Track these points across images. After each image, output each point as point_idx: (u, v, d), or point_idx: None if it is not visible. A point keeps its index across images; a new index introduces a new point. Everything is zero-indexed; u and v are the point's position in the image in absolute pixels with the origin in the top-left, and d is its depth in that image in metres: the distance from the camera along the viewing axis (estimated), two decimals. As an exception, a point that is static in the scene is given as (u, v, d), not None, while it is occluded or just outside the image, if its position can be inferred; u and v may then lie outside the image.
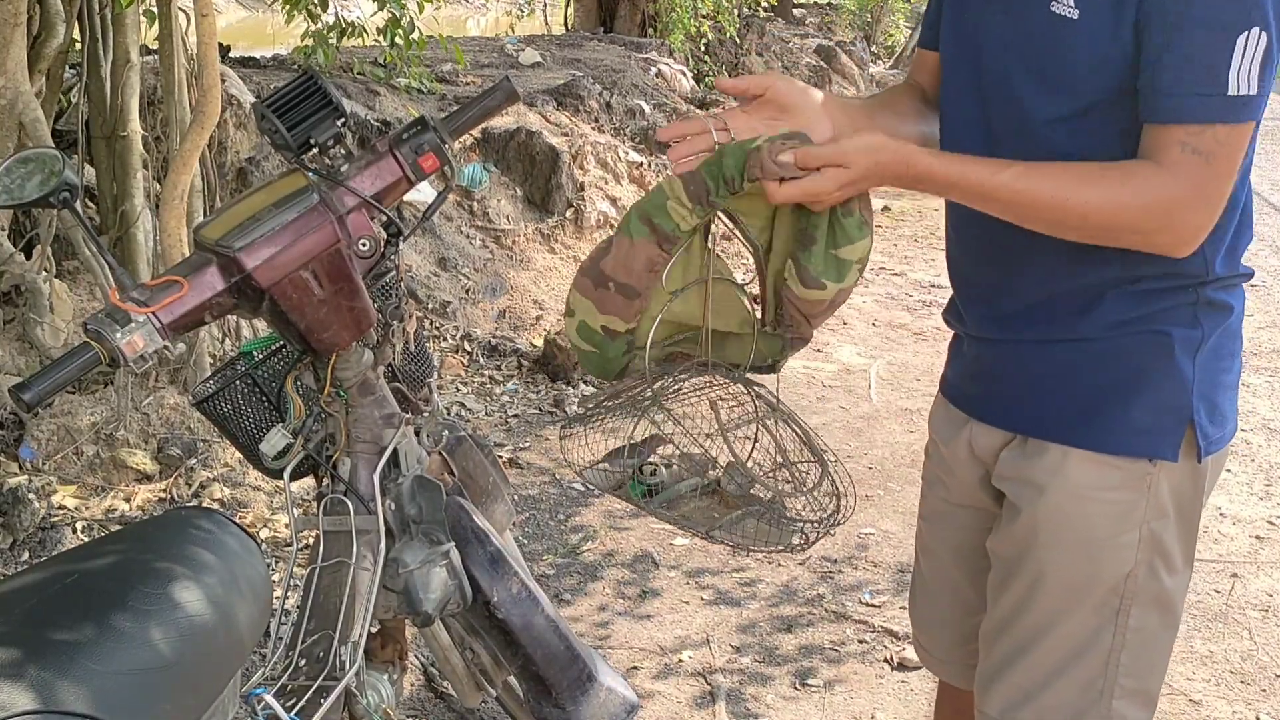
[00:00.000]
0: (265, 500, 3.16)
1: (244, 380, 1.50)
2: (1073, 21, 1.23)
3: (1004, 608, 1.44)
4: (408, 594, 1.42)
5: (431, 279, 4.64)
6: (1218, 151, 1.17)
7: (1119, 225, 1.22)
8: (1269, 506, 3.51)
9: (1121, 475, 1.34)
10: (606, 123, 6.37)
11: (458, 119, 1.47)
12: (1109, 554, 1.35)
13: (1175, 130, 1.17)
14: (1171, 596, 1.39)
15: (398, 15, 5.29)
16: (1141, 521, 1.34)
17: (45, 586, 1.11)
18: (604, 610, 2.82)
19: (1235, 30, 1.13)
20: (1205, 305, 1.33)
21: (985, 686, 1.48)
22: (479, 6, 22.14)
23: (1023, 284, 1.38)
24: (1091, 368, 1.35)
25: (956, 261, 1.49)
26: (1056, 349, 1.37)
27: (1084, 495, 1.34)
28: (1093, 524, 1.34)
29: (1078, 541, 1.35)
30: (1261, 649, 2.70)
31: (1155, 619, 1.38)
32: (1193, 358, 1.32)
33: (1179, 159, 1.17)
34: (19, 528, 2.82)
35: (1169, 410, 1.33)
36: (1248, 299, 1.46)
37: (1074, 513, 1.35)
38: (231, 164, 4.12)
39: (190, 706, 1.12)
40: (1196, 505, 1.38)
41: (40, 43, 3.28)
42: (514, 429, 3.93)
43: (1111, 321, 1.33)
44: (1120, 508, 1.34)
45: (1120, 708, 1.39)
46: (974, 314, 1.46)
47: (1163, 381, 1.32)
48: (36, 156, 1.28)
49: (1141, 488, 1.33)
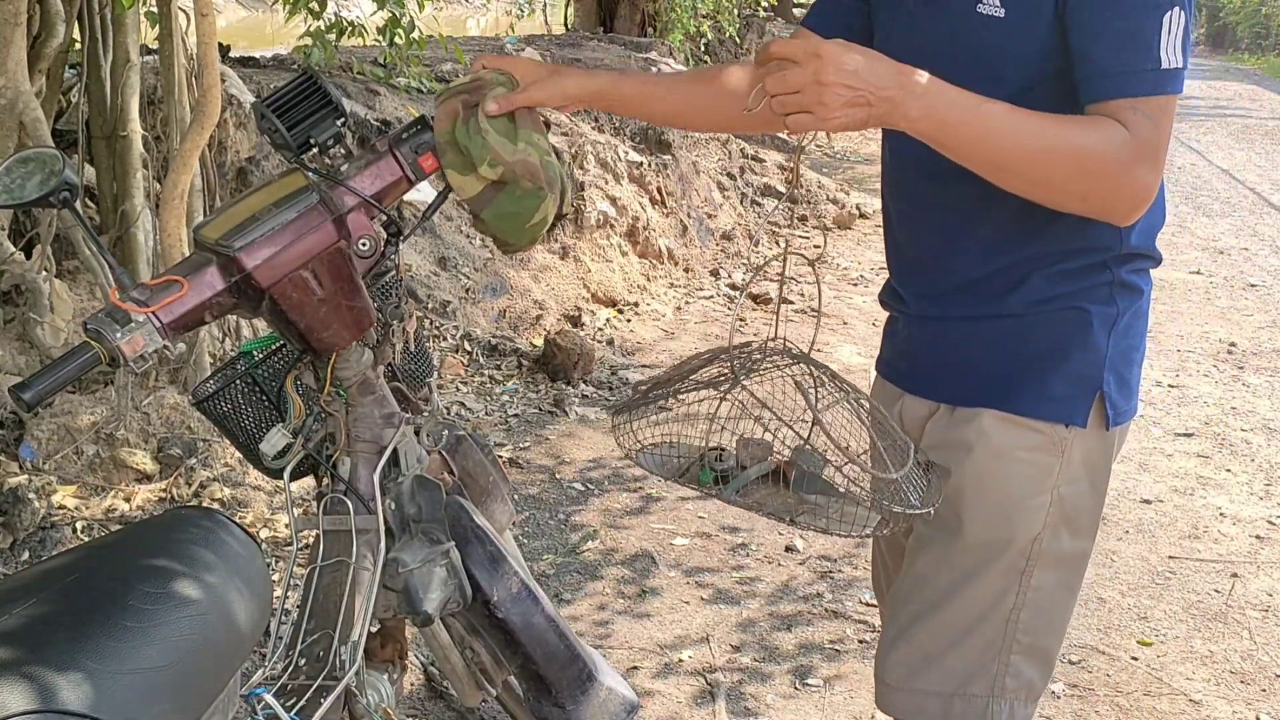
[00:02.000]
0: (265, 500, 3.16)
1: (244, 380, 1.50)
2: (1000, 20, 1.35)
3: (920, 567, 1.50)
4: (408, 593, 1.42)
5: (431, 278, 4.64)
6: (1161, 119, 1.28)
7: (1086, 170, 1.28)
8: (1269, 506, 3.51)
9: (1040, 439, 1.43)
10: (606, 122, 6.37)
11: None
12: (1022, 514, 1.44)
13: (1123, 102, 1.28)
14: (1073, 560, 1.49)
15: (398, 15, 5.29)
16: (1055, 485, 1.44)
17: (45, 586, 1.11)
18: (604, 609, 2.82)
19: (1161, 10, 1.27)
20: (1120, 286, 1.45)
21: (886, 652, 1.53)
22: (479, 6, 22.14)
23: (957, 263, 1.48)
24: (1015, 341, 1.45)
25: (896, 244, 1.58)
26: (984, 325, 1.47)
27: (1005, 455, 1.44)
28: (1011, 484, 1.44)
29: (997, 502, 1.44)
30: (1261, 649, 2.71)
31: (1054, 579, 1.47)
32: (1108, 333, 1.44)
33: (1133, 119, 1.27)
34: (19, 527, 2.82)
35: (1084, 380, 1.44)
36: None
37: (996, 472, 1.44)
38: (231, 164, 4.12)
39: (190, 706, 1.12)
40: (1105, 472, 1.50)
41: (40, 42, 3.28)
42: (514, 429, 3.93)
43: (1036, 299, 1.44)
44: (1037, 469, 1.44)
45: (1017, 663, 1.46)
46: (909, 293, 1.56)
47: (1080, 354, 1.43)
48: (36, 156, 1.28)
49: (1057, 452, 1.44)
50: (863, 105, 1.23)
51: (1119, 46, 1.28)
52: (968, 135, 1.28)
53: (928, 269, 1.53)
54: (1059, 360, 1.43)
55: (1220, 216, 8.22)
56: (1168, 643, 2.73)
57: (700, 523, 3.30)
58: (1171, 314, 5.51)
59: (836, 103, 1.22)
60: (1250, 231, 7.76)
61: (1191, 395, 4.52)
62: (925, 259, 1.53)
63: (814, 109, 1.23)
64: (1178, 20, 1.27)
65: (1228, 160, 11.02)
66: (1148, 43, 1.27)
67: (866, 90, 1.22)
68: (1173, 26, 1.27)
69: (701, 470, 1.47)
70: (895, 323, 1.63)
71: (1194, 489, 3.63)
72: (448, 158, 1.36)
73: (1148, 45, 1.27)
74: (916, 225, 1.55)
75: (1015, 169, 1.29)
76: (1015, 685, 1.47)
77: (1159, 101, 1.28)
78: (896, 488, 1.33)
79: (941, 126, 1.27)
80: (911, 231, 1.56)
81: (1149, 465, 3.81)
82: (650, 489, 3.50)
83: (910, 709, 1.50)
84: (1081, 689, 2.52)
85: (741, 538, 3.21)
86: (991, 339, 1.46)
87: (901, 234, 1.58)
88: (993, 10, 1.36)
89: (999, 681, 1.46)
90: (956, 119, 1.27)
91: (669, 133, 6.64)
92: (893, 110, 1.24)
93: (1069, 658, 2.64)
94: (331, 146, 1.35)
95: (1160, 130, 1.28)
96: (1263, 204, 8.81)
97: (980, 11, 1.36)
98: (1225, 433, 4.13)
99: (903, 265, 1.59)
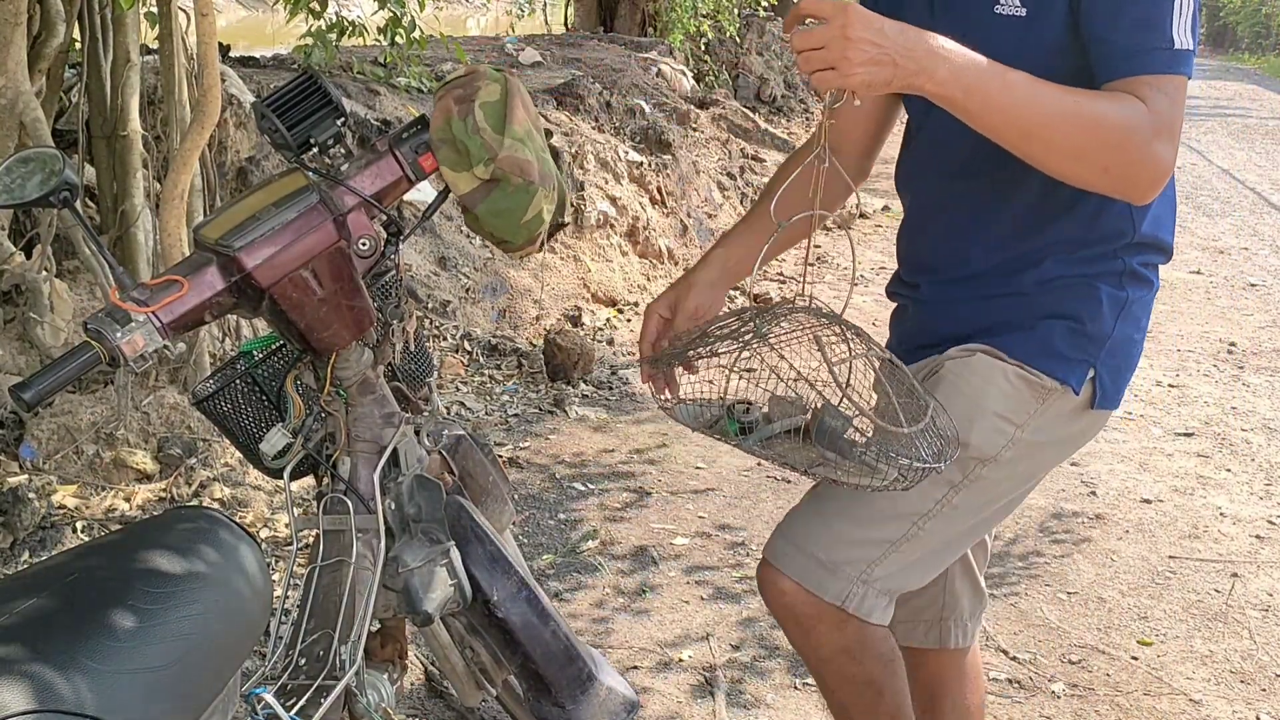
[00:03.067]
0: (265, 500, 3.16)
1: (244, 379, 1.50)
2: (1020, 19, 1.40)
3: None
4: (408, 593, 1.42)
5: (431, 278, 4.64)
6: (1175, 97, 1.32)
7: (1108, 141, 1.30)
8: (1269, 506, 3.51)
9: (1027, 382, 1.48)
10: (606, 122, 6.37)
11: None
12: (984, 427, 1.46)
13: (1141, 79, 1.32)
14: (997, 506, 1.54)
15: (398, 14, 5.29)
16: (1023, 424, 1.48)
17: (45, 586, 1.11)
18: (603, 608, 2.82)
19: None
20: (1130, 275, 1.50)
21: (796, 507, 1.55)
22: (479, 6, 22.14)
23: (972, 255, 1.53)
24: (1025, 307, 1.51)
25: (911, 239, 1.64)
26: (995, 300, 1.53)
27: (990, 376, 1.48)
28: (986, 397, 1.47)
29: (968, 403, 1.47)
30: (1261, 648, 2.71)
31: (973, 511, 1.51)
32: (1115, 315, 1.49)
33: (1151, 95, 1.31)
34: (19, 527, 2.82)
35: (1084, 349, 1.48)
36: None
37: (975, 382, 1.48)
38: (231, 163, 4.12)
39: (190, 706, 1.12)
40: (1069, 446, 1.57)
41: (40, 42, 3.28)
42: (514, 428, 3.93)
43: (1049, 278, 1.49)
44: (1015, 400, 1.48)
45: (896, 562, 1.48)
46: (923, 280, 1.60)
47: (1086, 324, 1.48)
48: (36, 156, 1.28)
49: (1038, 398, 1.48)
50: (887, 64, 1.23)
51: (1134, 28, 1.33)
52: (995, 101, 1.28)
53: (943, 262, 1.58)
54: (1064, 324, 1.48)
55: (1220, 216, 8.22)
56: (1168, 642, 2.73)
57: (700, 522, 3.30)
58: (1171, 314, 5.51)
59: (860, 58, 1.22)
60: (1250, 231, 7.76)
61: (1192, 395, 4.52)
62: (941, 253, 1.58)
63: (838, 63, 1.22)
64: (1188, 3, 1.33)
65: (1228, 160, 11.02)
66: (1161, 24, 1.32)
67: (892, 49, 1.23)
68: (1183, 8, 1.33)
69: (729, 422, 1.49)
70: (904, 310, 1.67)
71: (1194, 489, 3.63)
72: (443, 154, 1.37)
73: (1161, 26, 1.32)
74: (931, 222, 1.59)
75: (1040, 137, 1.31)
76: (884, 580, 1.48)
77: (1174, 80, 1.32)
78: (909, 442, 1.35)
79: (969, 91, 1.27)
80: (926, 228, 1.61)
81: (1149, 465, 3.81)
82: (649, 488, 3.51)
83: (783, 556, 1.51)
84: (1081, 688, 2.52)
85: (741, 536, 3.21)
86: (1002, 308, 1.52)
87: (916, 230, 1.63)
88: (1013, 10, 1.41)
89: (871, 571, 1.48)
90: (984, 84, 1.28)
91: (669, 132, 6.64)
92: (919, 72, 1.25)
93: (1069, 657, 2.64)
94: (331, 146, 1.35)
95: (1176, 108, 1.32)
96: (1263, 204, 8.81)
97: (998, 12, 1.41)
98: (1225, 432, 4.13)
99: (917, 259, 1.63)
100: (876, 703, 1.55)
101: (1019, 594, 2.93)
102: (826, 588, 1.47)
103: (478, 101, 1.37)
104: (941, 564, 1.56)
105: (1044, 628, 2.77)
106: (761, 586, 1.56)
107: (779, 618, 1.56)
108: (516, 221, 1.38)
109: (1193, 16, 1.34)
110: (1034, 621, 2.80)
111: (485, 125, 1.35)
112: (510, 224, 1.39)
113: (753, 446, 1.45)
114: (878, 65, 1.22)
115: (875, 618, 1.49)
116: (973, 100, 1.28)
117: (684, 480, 3.60)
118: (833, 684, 1.57)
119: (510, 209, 1.37)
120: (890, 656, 1.55)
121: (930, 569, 1.54)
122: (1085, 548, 3.20)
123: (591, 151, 5.73)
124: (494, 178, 1.36)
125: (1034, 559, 3.13)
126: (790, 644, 1.59)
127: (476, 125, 1.35)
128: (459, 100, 1.37)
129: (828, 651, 1.52)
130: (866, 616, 1.48)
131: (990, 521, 1.59)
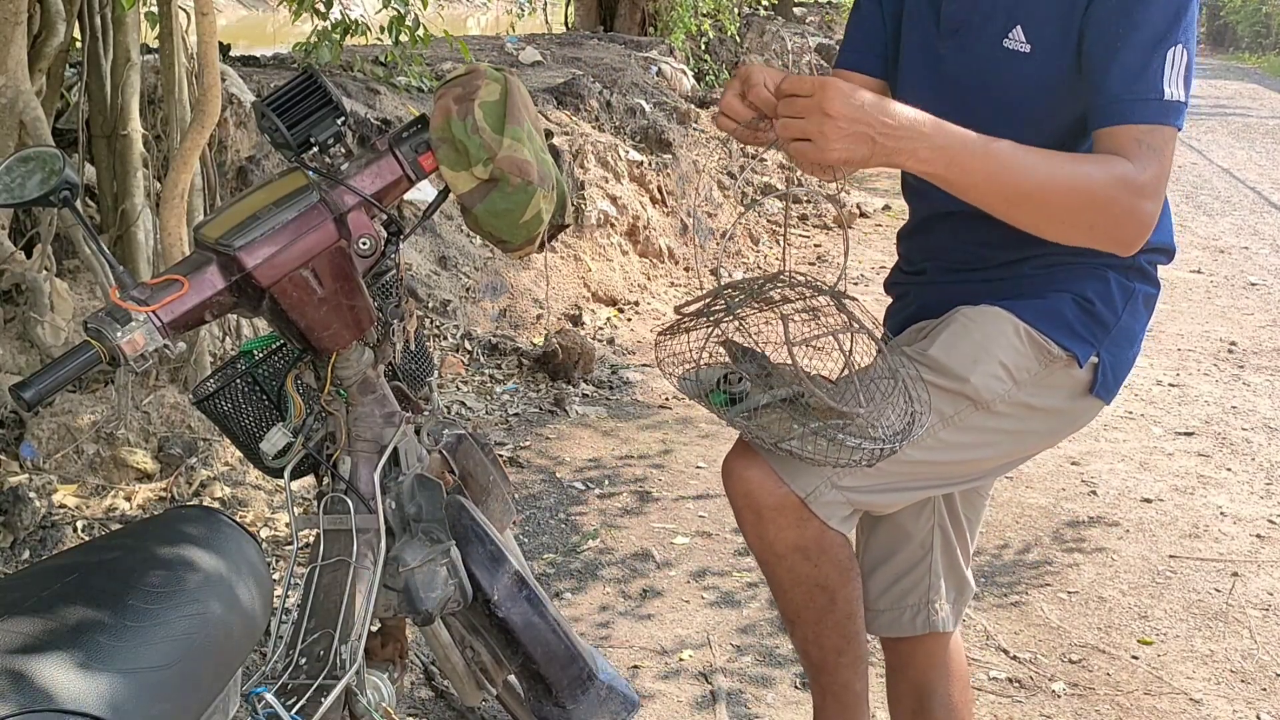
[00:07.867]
0: (265, 499, 3.16)
1: (244, 379, 1.50)
2: (1025, 55, 1.44)
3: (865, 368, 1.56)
4: (408, 593, 1.42)
5: (432, 278, 4.64)
6: (1164, 149, 1.35)
7: (1093, 203, 1.34)
8: (1269, 506, 3.51)
9: (1035, 342, 1.50)
10: (607, 121, 6.37)
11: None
12: (986, 370, 1.47)
13: (1130, 129, 1.35)
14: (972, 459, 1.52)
15: (402, 13, 5.30)
16: (1024, 382, 1.49)
17: (45, 585, 1.11)
18: (604, 609, 2.82)
19: (1165, 45, 1.36)
20: (1137, 270, 1.55)
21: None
22: (479, 5, 22.15)
23: (978, 255, 1.57)
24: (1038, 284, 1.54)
25: (915, 239, 1.66)
26: (1005, 281, 1.56)
27: (1006, 324, 1.50)
28: (993, 342, 1.49)
29: (973, 344, 1.49)
30: (1262, 648, 2.70)
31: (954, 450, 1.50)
32: (1124, 304, 1.53)
33: (1139, 152, 1.34)
34: (19, 526, 2.82)
35: (1092, 329, 1.51)
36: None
37: (994, 323, 1.50)
38: (231, 163, 4.12)
39: (190, 706, 1.12)
40: (1059, 425, 1.57)
41: (41, 41, 3.28)
42: (514, 428, 3.93)
43: (1057, 264, 1.53)
44: (1019, 354, 1.49)
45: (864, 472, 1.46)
46: (931, 265, 1.64)
47: (1096, 303, 1.51)
48: (37, 155, 1.28)
49: (1042, 362, 1.50)
50: (865, 141, 1.27)
51: (1124, 76, 1.36)
52: (979, 174, 1.33)
53: (950, 256, 1.62)
54: (1076, 300, 1.51)
55: (1220, 215, 8.22)
56: (1168, 642, 2.73)
57: (701, 522, 3.30)
58: (1172, 313, 5.51)
59: (837, 135, 1.26)
60: (1251, 230, 7.76)
61: (1192, 394, 4.52)
62: (949, 250, 1.62)
63: (815, 137, 1.27)
64: (1180, 57, 1.36)
65: (1228, 159, 11.01)
66: (1152, 74, 1.35)
67: (871, 127, 1.26)
68: (1175, 61, 1.36)
69: (714, 393, 1.49)
70: (905, 295, 1.70)
71: (1194, 488, 3.63)
72: (442, 153, 1.37)
73: (1152, 77, 1.35)
74: (938, 225, 1.62)
75: (1025, 205, 1.35)
76: (851, 490, 1.48)
77: (1162, 132, 1.35)
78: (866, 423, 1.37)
79: (952, 166, 1.32)
80: (933, 229, 1.63)
81: (1149, 464, 3.81)
82: (650, 488, 3.51)
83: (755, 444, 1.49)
84: (1082, 688, 2.52)
85: (743, 537, 3.21)
86: (1013, 284, 1.55)
87: (921, 232, 1.66)
88: (1019, 45, 1.44)
89: (841, 478, 1.47)
90: (967, 159, 1.31)
91: (669, 132, 6.64)
92: (898, 151, 1.28)
93: (1069, 657, 2.64)
94: (332, 146, 1.35)
95: (1163, 163, 1.35)
96: (1263, 203, 8.81)
97: (1007, 46, 1.45)
98: (1226, 432, 4.12)
99: (922, 256, 1.67)
100: (828, 609, 1.54)
101: (1019, 593, 2.93)
102: (796, 478, 1.46)
103: (477, 101, 1.36)
104: (907, 496, 1.55)
105: (1044, 627, 2.77)
106: (726, 475, 1.54)
107: (737, 507, 1.53)
108: (515, 221, 1.38)
109: (1186, 68, 1.37)
110: (1034, 621, 2.80)
111: (484, 125, 1.35)
112: (509, 224, 1.39)
113: (734, 418, 1.45)
114: (855, 141, 1.27)
115: (835, 522, 1.48)
116: (957, 174, 1.32)
117: (685, 480, 3.60)
118: (786, 583, 1.54)
119: (509, 209, 1.37)
120: (847, 565, 1.53)
121: (894, 497, 1.53)
122: (1085, 547, 3.20)
123: (592, 151, 5.73)
124: (493, 177, 1.36)
125: (1034, 558, 3.13)
126: (745, 539, 1.56)
127: (476, 125, 1.35)
128: (458, 99, 1.37)
129: (783, 547, 1.50)
130: (828, 519, 1.48)
131: (964, 478, 1.58)
